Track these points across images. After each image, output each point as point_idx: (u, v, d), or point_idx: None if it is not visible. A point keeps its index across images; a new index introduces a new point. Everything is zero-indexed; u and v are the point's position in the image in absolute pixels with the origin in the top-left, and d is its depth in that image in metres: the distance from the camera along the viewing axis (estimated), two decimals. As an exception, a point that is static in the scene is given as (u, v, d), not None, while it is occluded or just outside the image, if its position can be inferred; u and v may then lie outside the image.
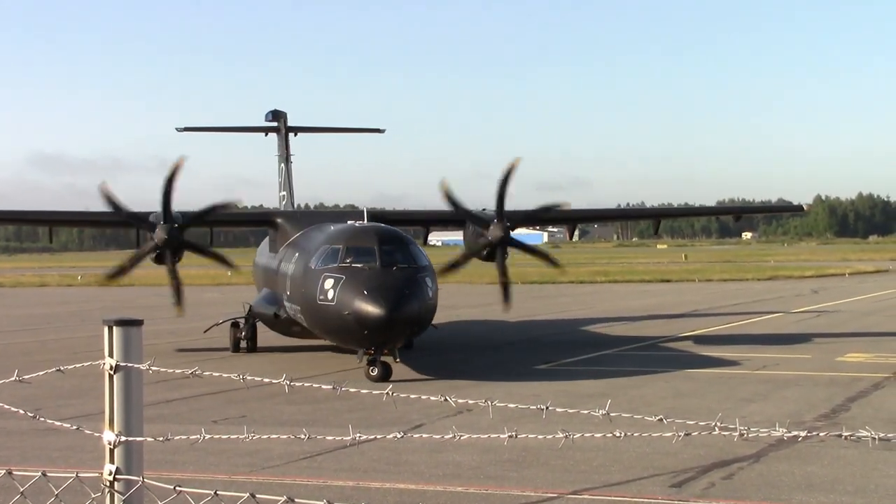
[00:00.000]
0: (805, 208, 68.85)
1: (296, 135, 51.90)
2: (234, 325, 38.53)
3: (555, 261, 39.10)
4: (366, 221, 35.34)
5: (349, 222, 34.78)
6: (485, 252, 35.43)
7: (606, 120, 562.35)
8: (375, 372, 29.27)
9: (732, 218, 66.52)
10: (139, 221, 35.53)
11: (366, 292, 28.89)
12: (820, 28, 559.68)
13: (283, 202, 50.22)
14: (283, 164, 50.67)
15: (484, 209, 36.55)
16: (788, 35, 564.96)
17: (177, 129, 52.86)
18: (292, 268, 33.82)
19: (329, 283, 29.79)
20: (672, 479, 16.96)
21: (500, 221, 34.89)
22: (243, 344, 38.09)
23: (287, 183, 50.29)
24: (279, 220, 39.10)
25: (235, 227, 40.14)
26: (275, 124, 51.33)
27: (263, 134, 52.54)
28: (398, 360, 30.11)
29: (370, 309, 28.58)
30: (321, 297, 29.96)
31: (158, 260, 35.66)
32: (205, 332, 40.11)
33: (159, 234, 34.55)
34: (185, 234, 35.53)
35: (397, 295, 29.04)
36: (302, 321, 32.90)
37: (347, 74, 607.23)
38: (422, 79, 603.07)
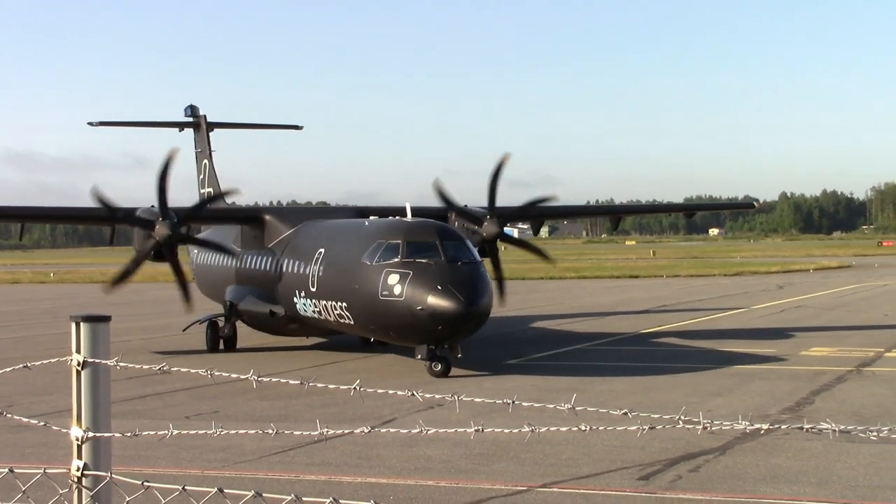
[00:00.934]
0: (756, 205, 69.64)
1: (212, 130, 50.16)
2: (213, 324, 37.52)
3: (547, 255, 39.27)
4: (409, 217, 34.32)
5: (396, 218, 34.31)
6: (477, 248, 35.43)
7: (577, 119, 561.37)
8: (439, 367, 28.96)
9: (684, 215, 67.81)
10: (135, 221, 34.62)
11: (439, 287, 28.47)
12: (783, 31, 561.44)
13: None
14: (205, 160, 49.06)
15: (465, 205, 36.83)
16: (753, 37, 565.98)
17: (89, 123, 50.17)
18: (320, 264, 32.80)
19: (394, 278, 29.04)
20: (640, 472, 17.01)
21: (493, 217, 35.25)
22: (221, 345, 37.17)
23: (212, 178, 48.70)
24: (267, 217, 37.85)
25: (221, 223, 38.86)
26: (192, 120, 49.83)
27: (178, 129, 50.54)
28: (461, 355, 29.64)
29: (446, 304, 28.22)
30: (385, 293, 29.13)
31: (158, 257, 34.83)
32: (184, 330, 39.13)
33: (161, 231, 33.77)
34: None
35: (471, 290, 28.85)
36: (338, 318, 31.90)
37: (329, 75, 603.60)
38: (395, 76, 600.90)
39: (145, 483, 5.23)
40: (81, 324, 5.09)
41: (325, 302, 32.42)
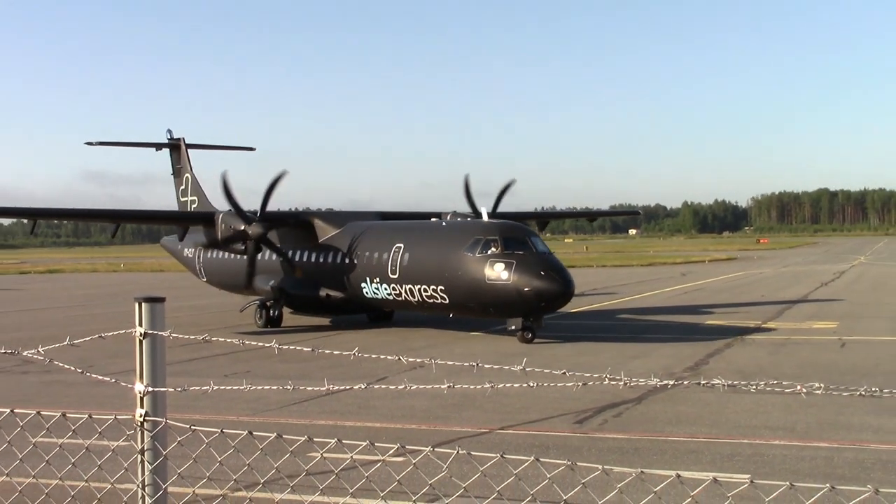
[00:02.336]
0: (640, 212, 71.19)
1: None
2: (263, 306, 35.63)
3: None
4: (486, 219, 33.42)
5: (484, 220, 33.20)
6: None
7: (528, 139, 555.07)
8: (530, 335, 28.80)
9: (588, 219, 69.41)
10: (241, 217, 33.59)
11: (542, 273, 28.42)
12: (679, 60, 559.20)
13: (195, 206, 44.75)
14: (187, 174, 45.87)
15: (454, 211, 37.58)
16: (655, 70, 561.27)
17: (86, 143, 46.57)
18: (401, 256, 31.83)
19: (499, 266, 28.68)
20: (575, 418, 17.05)
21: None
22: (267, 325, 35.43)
23: (195, 188, 45.27)
24: (316, 221, 36.37)
25: (277, 226, 36.58)
26: (173, 141, 46.50)
27: (155, 149, 47.00)
28: (543, 325, 29.56)
29: (550, 286, 28.28)
30: (491, 278, 28.75)
31: (244, 250, 34.11)
32: (241, 310, 37.62)
33: (255, 230, 33.38)
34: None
35: (565, 274, 29.00)
36: (426, 299, 31.10)
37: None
38: (374, 103, 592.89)
39: (192, 427, 5.22)
40: (143, 304, 5.08)
41: (409, 286, 31.55)
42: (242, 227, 33.68)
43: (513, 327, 29.08)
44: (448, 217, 37.20)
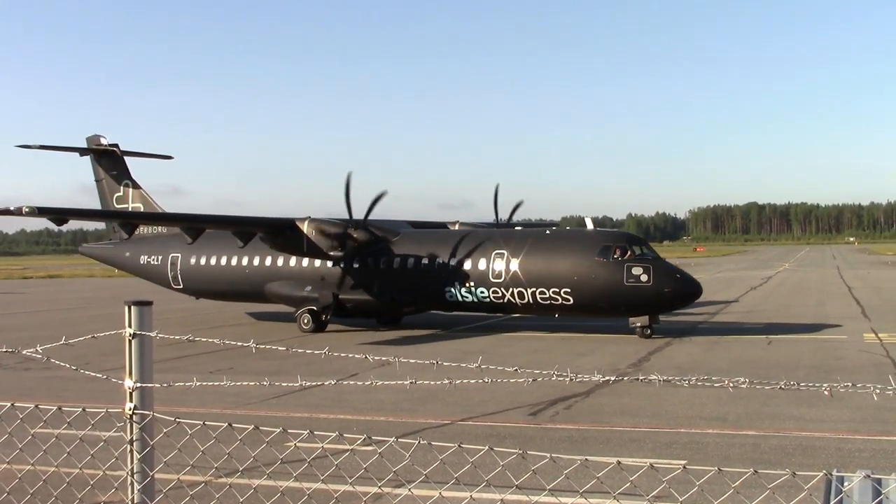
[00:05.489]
0: (559, 224, 71.76)
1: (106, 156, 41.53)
2: (314, 312, 33.17)
3: None
4: (591, 227, 32.32)
5: (601, 229, 32.38)
6: None
7: (484, 154, 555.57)
8: (649, 332, 28.97)
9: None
10: (336, 226, 31.77)
11: (678, 276, 28.76)
12: (628, 92, 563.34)
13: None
14: (126, 181, 40.96)
15: (457, 221, 37.71)
16: (609, 96, 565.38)
17: (16, 145, 40.87)
18: (506, 262, 30.67)
19: (637, 270, 28.41)
20: (529, 410, 17.10)
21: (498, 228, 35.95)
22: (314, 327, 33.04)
23: (139, 196, 40.70)
24: (370, 228, 33.29)
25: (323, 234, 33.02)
26: (103, 147, 41.33)
27: (79, 154, 41.63)
28: (659, 322, 29.64)
29: (687, 287, 28.75)
30: (630, 281, 28.38)
31: (345, 258, 31.87)
32: (295, 315, 34.44)
33: (361, 237, 31.81)
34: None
35: (692, 276, 29.49)
36: (542, 300, 29.98)
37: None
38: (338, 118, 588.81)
39: (177, 419, 5.20)
40: (132, 307, 5.05)
41: (518, 289, 30.48)
42: (343, 233, 31.60)
43: (638, 324, 29.12)
44: (456, 226, 36.81)
